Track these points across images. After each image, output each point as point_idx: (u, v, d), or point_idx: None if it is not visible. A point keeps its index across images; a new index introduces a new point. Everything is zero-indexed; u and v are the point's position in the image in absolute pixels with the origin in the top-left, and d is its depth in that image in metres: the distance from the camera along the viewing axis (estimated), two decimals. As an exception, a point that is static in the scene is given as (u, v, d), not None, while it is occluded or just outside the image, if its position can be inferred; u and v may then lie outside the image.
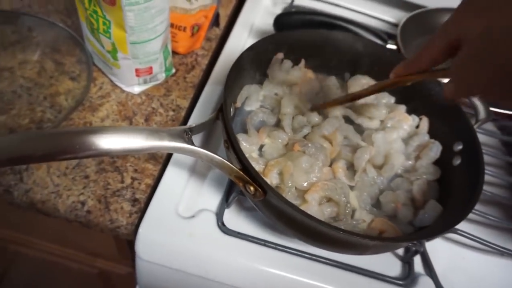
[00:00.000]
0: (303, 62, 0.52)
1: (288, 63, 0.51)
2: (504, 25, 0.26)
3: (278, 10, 0.68)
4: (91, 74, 0.52)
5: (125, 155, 0.48)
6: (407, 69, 0.37)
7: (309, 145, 0.43)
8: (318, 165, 0.42)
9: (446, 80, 0.32)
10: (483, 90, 0.29)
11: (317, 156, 0.43)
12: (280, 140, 0.45)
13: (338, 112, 0.49)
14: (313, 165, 0.42)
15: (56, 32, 0.54)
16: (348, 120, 0.50)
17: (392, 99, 0.52)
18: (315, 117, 0.48)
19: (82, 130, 0.33)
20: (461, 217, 0.35)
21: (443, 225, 0.37)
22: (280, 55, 0.50)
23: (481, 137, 0.58)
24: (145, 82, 0.53)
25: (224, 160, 0.37)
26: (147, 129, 0.35)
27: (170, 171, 0.47)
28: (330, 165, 0.45)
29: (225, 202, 0.45)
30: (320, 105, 0.49)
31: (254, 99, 0.48)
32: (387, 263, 0.45)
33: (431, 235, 0.38)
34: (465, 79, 0.29)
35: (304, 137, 0.47)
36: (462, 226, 0.45)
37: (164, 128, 0.38)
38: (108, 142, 0.32)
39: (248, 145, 0.44)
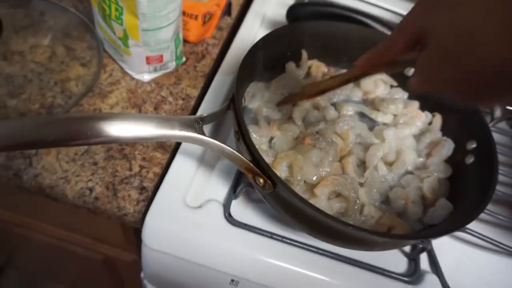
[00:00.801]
0: (305, 55, 0.51)
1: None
2: (473, 18, 0.24)
3: (291, 1, 0.67)
4: (101, 61, 0.52)
5: (134, 143, 0.48)
6: (371, 60, 0.36)
7: (320, 139, 0.43)
8: (328, 159, 0.42)
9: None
10: (449, 86, 0.28)
11: (327, 150, 0.42)
12: (291, 133, 0.45)
13: (351, 108, 0.49)
14: (323, 159, 0.42)
15: (67, 17, 0.54)
16: (362, 115, 0.49)
17: (405, 95, 0.51)
18: (332, 112, 0.48)
19: (93, 116, 0.33)
20: (472, 216, 0.35)
21: (453, 224, 0.36)
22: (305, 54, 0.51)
23: (494, 136, 0.57)
24: (155, 70, 0.53)
25: (235, 151, 0.37)
26: (157, 117, 0.35)
27: (178, 160, 0.47)
28: (340, 161, 0.45)
29: (233, 193, 0.45)
30: (286, 98, 0.48)
31: (258, 98, 0.47)
32: (393, 259, 0.45)
33: (441, 234, 0.38)
34: (430, 74, 0.28)
35: (316, 132, 0.46)
36: (471, 225, 0.45)
37: (175, 116, 0.37)
38: (118, 129, 0.32)
39: (258, 137, 0.44)
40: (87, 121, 0.32)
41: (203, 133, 0.36)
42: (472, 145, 0.44)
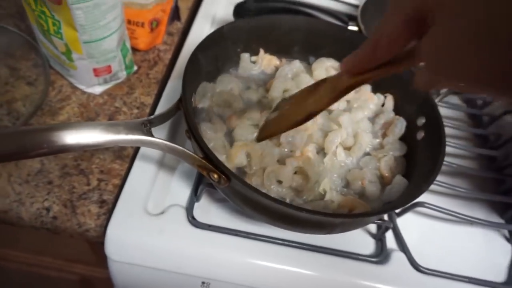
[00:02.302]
0: (262, 51, 0.51)
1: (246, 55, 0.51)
2: None
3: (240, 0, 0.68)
4: (48, 78, 0.50)
5: (90, 156, 0.47)
6: (360, 66, 0.27)
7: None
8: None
9: None
10: (473, 77, 0.19)
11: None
12: (249, 122, 0.45)
13: None
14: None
15: (9, 37, 0.53)
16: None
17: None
18: None
19: (32, 128, 0.32)
20: (424, 188, 0.36)
21: (406, 198, 0.37)
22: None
23: (447, 111, 0.59)
24: (105, 81, 0.52)
25: (185, 149, 0.37)
26: (102, 123, 0.35)
27: (136, 168, 0.47)
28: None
29: (194, 195, 0.45)
30: (266, 132, 0.40)
31: (208, 97, 0.47)
32: (361, 242, 0.45)
33: (394, 208, 0.39)
34: (445, 65, 0.20)
35: None
36: (432, 199, 0.46)
37: (120, 121, 0.37)
38: (61, 138, 0.32)
39: (213, 133, 0.43)
40: (25, 134, 0.31)
41: (151, 135, 0.36)
42: (422, 120, 0.45)
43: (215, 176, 0.36)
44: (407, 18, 0.21)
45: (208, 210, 0.45)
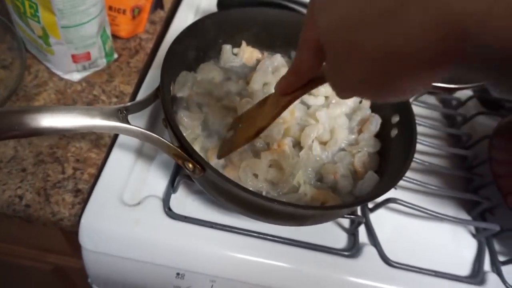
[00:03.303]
0: (244, 44, 0.51)
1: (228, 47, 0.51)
2: (349, 11, 0.22)
3: (225, -9, 0.67)
4: (24, 62, 0.49)
5: (66, 144, 0.46)
6: (291, 84, 0.33)
7: None
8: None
9: None
10: (356, 89, 0.25)
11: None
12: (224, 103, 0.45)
13: None
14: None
15: (-18, 18, 0.51)
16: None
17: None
18: None
19: (4, 110, 0.31)
20: (393, 183, 0.37)
21: (376, 193, 0.38)
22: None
23: (423, 111, 0.61)
24: (84, 68, 0.51)
25: (161, 138, 0.37)
26: (77, 107, 0.34)
27: (113, 158, 0.46)
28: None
29: (171, 187, 0.45)
30: (225, 150, 0.42)
31: (188, 87, 0.47)
32: (334, 236, 0.46)
33: (363, 202, 0.40)
34: (339, 83, 0.27)
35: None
36: (404, 196, 0.48)
37: (96, 107, 0.36)
38: (34, 120, 0.31)
39: (190, 121, 0.43)
40: None
41: (127, 122, 0.36)
42: (396, 118, 0.46)
43: (190, 165, 0.36)
44: (313, 51, 0.28)
45: (185, 201, 0.45)
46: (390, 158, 0.44)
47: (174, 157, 0.37)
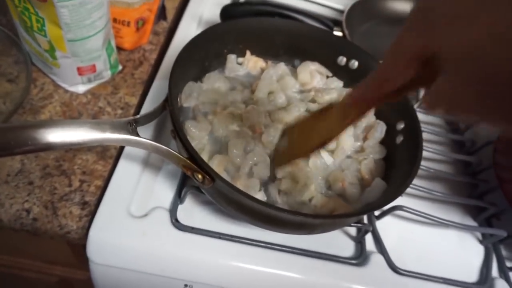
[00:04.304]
0: (248, 53, 0.52)
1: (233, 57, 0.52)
2: (499, 31, 0.20)
3: (227, 1, 0.68)
4: (30, 75, 0.49)
5: (72, 157, 0.46)
6: (367, 93, 0.30)
7: (271, 129, 0.45)
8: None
9: None
10: (468, 109, 0.23)
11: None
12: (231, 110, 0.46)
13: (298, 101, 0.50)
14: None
15: (-11, 32, 0.51)
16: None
17: (340, 83, 0.53)
18: (280, 101, 0.49)
19: (17, 125, 0.32)
20: (401, 190, 0.37)
21: (384, 200, 0.38)
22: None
23: (427, 117, 0.61)
24: (89, 80, 0.51)
25: (170, 149, 0.37)
26: (88, 121, 0.34)
27: (120, 170, 0.46)
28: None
29: (178, 198, 0.45)
30: (283, 162, 0.42)
31: (194, 97, 0.47)
32: (342, 244, 0.46)
33: (372, 209, 0.40)
34: (453, 101, 0.24)
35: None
36: (410, 203, 0.48)
37: (106, 120, 0.37)
38: (46, 135, 0.31)
39: (198, 131, 0.44)
40: (9, 130, 0.31)
41: (136, 134, 0.36)
42: (401, 125, 0.46)
43: (200, 176, 0.37)
44: (415, 61, 0.25)
45: (192, 212, 0.45)
46: (396, 165, 0.44)
47: (183, 168, 0.37)
